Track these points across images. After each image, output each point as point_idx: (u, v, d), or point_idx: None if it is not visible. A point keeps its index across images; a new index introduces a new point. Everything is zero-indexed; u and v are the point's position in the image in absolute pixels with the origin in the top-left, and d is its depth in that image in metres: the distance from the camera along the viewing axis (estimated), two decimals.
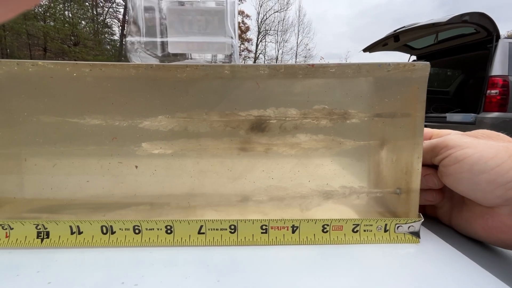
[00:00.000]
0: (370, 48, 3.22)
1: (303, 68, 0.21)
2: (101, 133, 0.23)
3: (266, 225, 0.21)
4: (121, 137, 0.24)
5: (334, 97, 0.23)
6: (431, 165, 0.23)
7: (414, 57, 3.36)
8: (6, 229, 0.20)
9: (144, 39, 0.26)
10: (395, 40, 3.04)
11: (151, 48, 0.26)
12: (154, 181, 0.25)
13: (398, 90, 0.22)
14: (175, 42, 0.26)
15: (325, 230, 0.21)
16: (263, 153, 0.25)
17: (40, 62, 0.21)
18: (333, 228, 0.21)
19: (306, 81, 0.23)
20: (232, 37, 0.26)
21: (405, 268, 0.19)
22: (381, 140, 0.24)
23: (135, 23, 0.26)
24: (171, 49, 0.27)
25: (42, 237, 0.20)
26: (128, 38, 0.26)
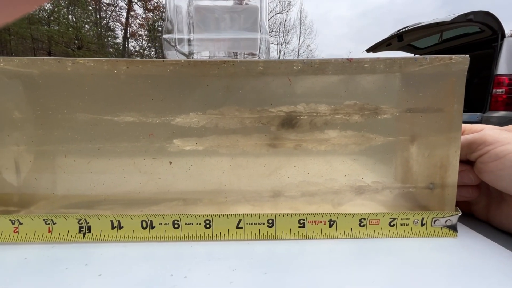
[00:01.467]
0: (373, 48, 3.22)
1: (339, 63, 0.21)
2: (136, 129, 0.23)
3: (303, 219, 0.21)
4: (154, 134, 0.24)
5: (366, 92, 0.23)
6: (466, 161, 0.23)
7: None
8: (49, 223, 0.20)
9: (176, 36, 0.26)
10: (398, 40, 3.04)
11: (182, 46, 0.27)
12: (187, 176, 0.25)
13: (433, 84, 0.22)
14: (206, 39, 0.27)
15: (362, 224, 0.21)
16: (294, 149, 0.25)
17: (80, 59, 0.21)
18: (370, 222, 0.21)
19: (339, 77, 0.23)
20: (267, 33, 0.27)
21: (444, 262, 0.19)
22: (413, 135, 0.24)
23: (170, 21, 0.26)
24: (201, 47, 0.27)
25: (84, 231, 0.20)
26: (164, 36, 0.27)
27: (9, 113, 0.22)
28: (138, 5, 12.95)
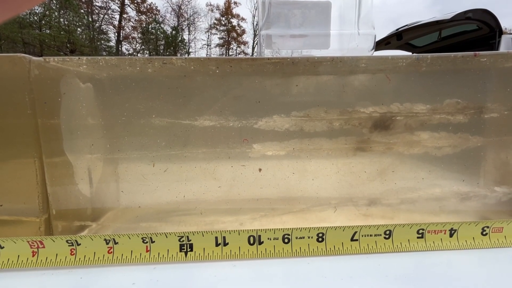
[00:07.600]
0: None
1: (459, 59, 0.20)
2: (230, 134, 0.21)
3: (423, 229, 0.19)
4: (237, 138, 0.22)
5: (472, 90, 0.22)
6: None
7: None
8: (147, 242, 0.18)
9: (278, 31, 0.24)
10: (397, 39, 3.05)
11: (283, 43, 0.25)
12: (275, 184, 0.23)
13: None
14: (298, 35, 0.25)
15: (484, 233, 0.20)
16: (388, 152, 0.24)
17: (173, 58, 0.19)
18: (493, 230, 0.20)
19: (445, 74, 0.22)
20: (374, 28, 0.25)
21: None
22: None
23: (269, 17, 0.24)
24: (281, 44, 0.25)
25: (185, 250, 0.18)
26: (263, 32, 0.25)
27: (95, 120, 0.20)
28: (131, 7, 12.85)
